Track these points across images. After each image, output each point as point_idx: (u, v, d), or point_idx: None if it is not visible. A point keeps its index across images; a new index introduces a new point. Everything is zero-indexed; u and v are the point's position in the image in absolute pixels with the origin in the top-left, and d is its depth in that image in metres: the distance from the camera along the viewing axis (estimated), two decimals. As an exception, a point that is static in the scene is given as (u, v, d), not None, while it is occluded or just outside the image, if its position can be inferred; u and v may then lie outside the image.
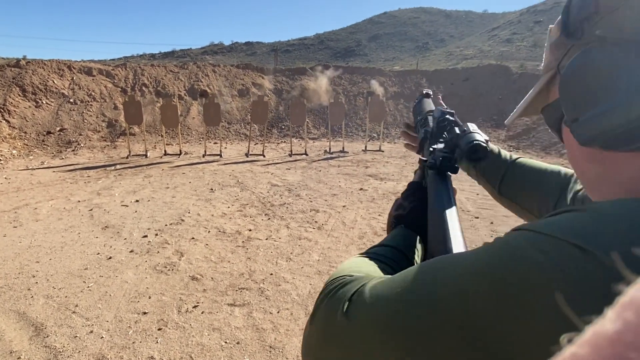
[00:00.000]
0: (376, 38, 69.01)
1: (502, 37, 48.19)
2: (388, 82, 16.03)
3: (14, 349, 2.48)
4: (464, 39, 56.42)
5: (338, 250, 4.01)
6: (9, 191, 6.08)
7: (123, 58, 41.44)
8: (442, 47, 56.97)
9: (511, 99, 14.39)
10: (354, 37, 71.09)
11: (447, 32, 66.43)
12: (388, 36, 68.76)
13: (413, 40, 64.58)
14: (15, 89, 10.36)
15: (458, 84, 15.86)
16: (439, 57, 45.59)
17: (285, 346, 2.52)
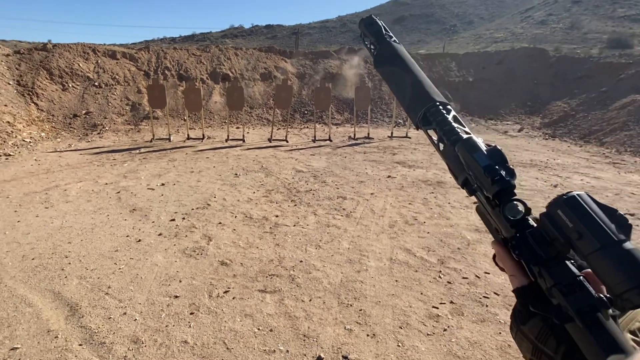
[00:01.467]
0: (401, 20, 67.22)
1: (537, 18, 45.99)
2: (415, 66, 15.59)
3: (51, 327, 2.55)
4: (495, 21, 54.21)
5: (369, 239, 3.94)
6: (39, 173, 6.27)
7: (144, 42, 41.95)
8: (471, 29, 54.97)
9: (547, 84, 13.77)
10: (377, 19, 69.31)
11: (476, 13, 63.97)
12: (414, 18, 66.84)
13: (440, 23, 62.57)
14: (42, 72, 10.63)
15: (490, 68, 15.27)
16: (467, 40, 44.04)
17: (319, 335, 2.48)
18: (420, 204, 5.02)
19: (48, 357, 2.29)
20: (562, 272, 0.40)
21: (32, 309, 2.73)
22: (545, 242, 0.42)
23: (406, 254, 3.63)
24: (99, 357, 2.29)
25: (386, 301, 2.86)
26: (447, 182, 5.95)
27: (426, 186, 5.80)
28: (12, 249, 3.62)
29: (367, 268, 3.36)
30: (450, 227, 4.26)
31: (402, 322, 2.61)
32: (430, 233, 4.10)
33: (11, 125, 8.44)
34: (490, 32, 45.47)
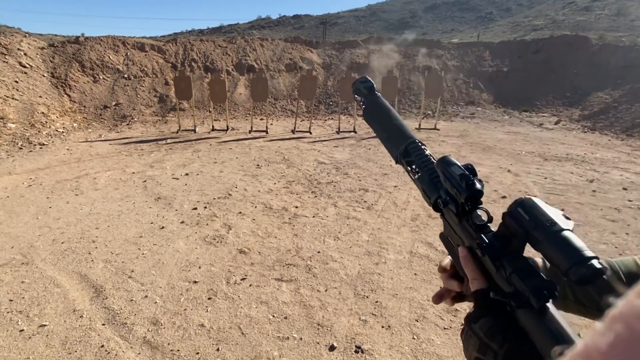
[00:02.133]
0: (433, 8, 65.52)
1: (580, 4, 43.60)
2: (446, 56, 15.20)
3: (77, 307, 2.71)
4: (534, 8, 51.85)
5: (389, 232, 3.92)
6: (71, 161, 6.61)
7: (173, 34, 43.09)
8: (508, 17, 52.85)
9: (589, 74, 13.06)
10: (408, 7, 68.01)
11: (514, 0, 61.37)
12: (447, 6, 64.98)
13: (475, 10, 60.53)
14: (75, 64, 11.14)
15: (527, 58, 14.65)
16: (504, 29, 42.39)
17: (333, 325, 2.51)
18: (445, 197, 4.93)
19: (73, 334, 2.44)
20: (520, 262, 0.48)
21: (60, 290, 2.91)
22: (505, 239, 0.50)
23: (427, 247, 3.58)
24: (120, 337, 2.42)
25: (403, 294, 2.85)
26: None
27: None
28: (43, 233, 3.86)
29: (385, 261, 3.35)
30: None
31: (418, 315, 2.60)
32: (454, 227, 4.01)
33: (45, 116, 8.92)
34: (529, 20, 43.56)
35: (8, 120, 7.99)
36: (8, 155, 6.89)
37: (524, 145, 8.15)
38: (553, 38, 15.82)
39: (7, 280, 3.03)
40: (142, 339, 2.40)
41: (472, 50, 15.60)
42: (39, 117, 8.72)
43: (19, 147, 7.39)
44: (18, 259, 3.36)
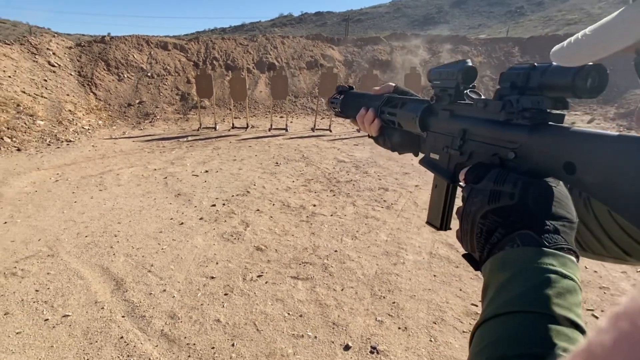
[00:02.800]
0: (461, 3, 64.26)
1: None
2: (472, 52, 14.89)
3: (98, 299, 2.82)
4: (568, 1, 50.05)
5: (408, 232, 3.88)
6: (96, 158, 6.87)
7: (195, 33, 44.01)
8: (540, 11, 51.22)
9: (626, 71, 12.46)
10: (434, 2, 66.96)
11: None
12: (475, 1, 63.60)
13: (504, 5, 58.97)
14: (100, 63, 11.55)
15: (559, 53, 14.15)
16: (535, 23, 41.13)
17: (349, 325, 2.52)
18: (468, 198, 4.84)
19: (94, 325, 2.54)
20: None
21: (82, 282, 3.04)
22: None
23: (448, 248, 3.53)
24: (139, 329, 2.50)
25: (422, 295, 2.82)
26: (500, 176, 5.67)
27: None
28: (68, 227, 4.03)
29: (404, 261, 3.32)
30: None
31: (436, 318, 2.57)
32: (477, 229, 3.94)
33: (72, 114, 9.29)
34: (563, 14, 42.11)
35: (37, 118, 8.37)
36: (37, 151, 7.22)
37: (554, 145, 7.90)
38: (588, 32, 15.21)
39: (34, 271, 3.18)
40: (159, 331, 2.48)
41: (500, 46, 15.22)
42: (66, 115, 9.09)
43: (47, 144, 7.73)
44: (44, 251, 3.52)
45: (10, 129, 7.61)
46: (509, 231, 0.42)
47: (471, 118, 0.55)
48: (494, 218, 0.44)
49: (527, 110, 0.46)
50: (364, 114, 0.78)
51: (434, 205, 0.67)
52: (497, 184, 0.45)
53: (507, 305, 0.35)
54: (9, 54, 9.72)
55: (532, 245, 0.39)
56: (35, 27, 34.15)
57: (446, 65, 0.60)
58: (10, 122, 7.77)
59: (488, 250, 0.44)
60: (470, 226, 0.47)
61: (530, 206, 0.42)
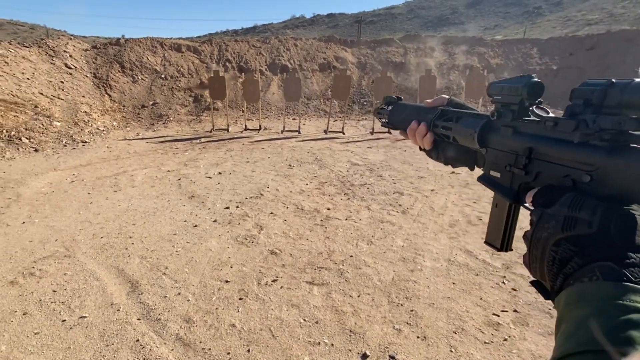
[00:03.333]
0: (476, 4, 63.73)
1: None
2: (489, 53, 14.74)
3: (114, 301, 2.85)
4: (589, 1, 49.16)
5: (425, 238, 3.84)
6: (110, 159, 6.97)
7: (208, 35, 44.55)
8: (559, 11, 50.45)
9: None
10: (449, 3, 66.51)
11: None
12: (491, 1, 63.00)
13: (521, 5, 58.26)
14: (115, 65, 11.75)
15: (579, 55, 13.92)
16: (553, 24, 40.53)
17: (366, 332, 2.49)
18: (486, 203, 4.77)
19: (111, 327, 2.56)
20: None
21: (99, 283, 3.07)
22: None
23: (467, 255, 3.48)
24: (155, 332, 2.52)
25: (441, 304, 2.78)
26: (519, 181, 5.57)
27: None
28: (84, 228, 4.09)
29: (421, 268, 3.28)
30: (521, 229, 3.97)
31: (456, 327, 2.52)
32: (496, 235, 3.88)
33: (88, 115, 9.47)
34: (583, 14, 41.40)
35: (54, 119, 8.54)
36: (53, 152, 7.37)
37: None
38: (610, 33, 14.93)
39: (52, 271, 3.23)
40: (175, 335, 2.48)
41: (517, 48, 15.02)
42: (82, 116, 9.26)
43: (63, 145, 7.88)
44: (61, 251, 3.58)
45: (28, 129, 7.78)
46: (587, 262, 0.39)
47: (538, 136, 0.53)
48: (568, 246, 0.41)
49: (605, 131, 0.43)
50: (415, 127, 0.77)
51: (494, 225, 0.64)
52: (572, 209, 0.42)
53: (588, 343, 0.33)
54: (27, 56, 9.96)
55: (613, 279, 0.36)
56: (52, 29, 34.99)
57: (509, 80, 0.57)
58: (28, 123, 7.95)
59: (562, 280, 0.41)
60: (541, 253, 0.44)
61: (611, 236, 0.39)
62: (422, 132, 0.75)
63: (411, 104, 0.84)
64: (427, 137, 0.75)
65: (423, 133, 0.75)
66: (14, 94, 8.33)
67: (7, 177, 5.81)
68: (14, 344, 2.40)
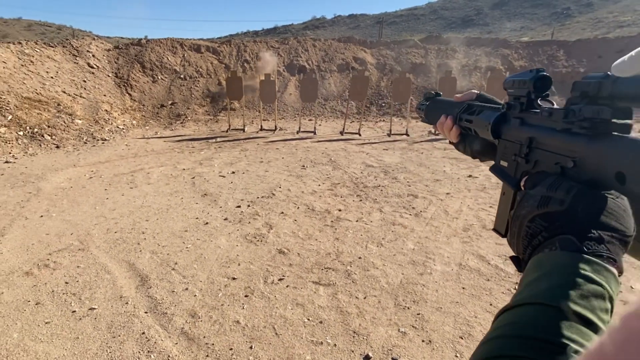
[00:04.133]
0: (502, 5, 62.61)
1: (680, -5, 39.29)
2: (513, 55, 14.46)
3: (123, 294, 2.93)
4: (620, 2, 47.59)
5: (437, 242, 3.79)
6: (128, 156, 7.17)
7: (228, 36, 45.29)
8: (589, 12, 49.05)
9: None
10: (474, 4, 65.58)
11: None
12: (517, 2, 61.78)
13: (549, 6, 56.91)
14: (136, 65, 12.08)
15: (609, 57, 13.49)
16: (583, 25, 39.45)
17: (370, 334, 2.48)
18: (502, 208, 4.67)
19: (118, 320, 2.64)
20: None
21: (110, 276, 3.16)
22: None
23: (479, 260, 3.42)
24: (160, 326, 2.57)
25: (448, 308, 2.74)
26: (539, 186, 5.44)
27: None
28: (99, 222, 4.22)
29: (431, 271, 3.25)
30: (537, 236, 3.89)
31: (463, 332, 2.48)
32: (511, 241, 3.80)
33: (108, 113, 9.76)
34: (614, 15, 40.15)
35: (75, 117, 8.85)
36: (74, 149, 7.63)
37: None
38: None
39: (65, 264, 3.35)
40: (180, 329, 2.54)
41: (543, 50, 14.69)
42: (102, 115, 9.56)
43: (83, 142, 8.15)
44: (76, 245, 3.70)
45: (50, 127, 8.09)
46: (552, 235, 0.43)
47: (538, 126, 0.57)
48: (540, 222, 0.45)
49: (587, 119, 0.46)
50: (443, 121, 0.81)
51: (501, 213, 0.68)
52: (550, 190, 0.47)
53: (529, 297, 0.38)
54: (52, 55, 10.35)
55: (569, 249, 0.40)
56: (78, 30, 36.24)
57: (520, 74, 0.61)
58: (51, 120, 8.25)
59: (529, 252, 0.46)
60: (518, 229, 0.49)
61: (578, 213, 0.43)
62: (448, 125, 0.80)
63: (446, 99, 0.88)
64: (453, 130, 0.79)
65: (449, 126, 0.79)
66: (38, 92, 8.67)
67: (28, 172, 6.05)
68: (25, 332, 2.50)
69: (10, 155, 6.86)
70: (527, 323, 0.36)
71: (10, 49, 9.52)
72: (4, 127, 7.40)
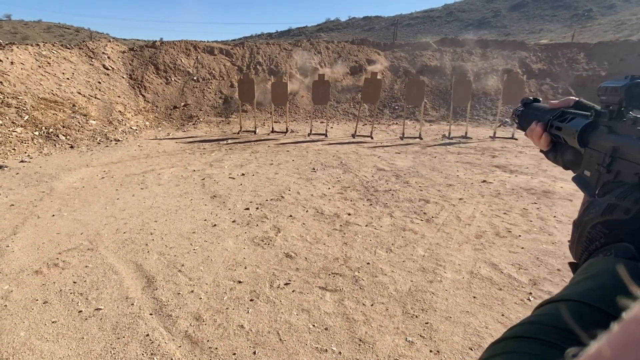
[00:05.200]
0: (521, 6, 61.77)
1: None
2: (531, 58, 14.22)
3: (129, 295, 2.95)
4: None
5: (448, 248, 3.73)
6: (140, 157, 7.27)
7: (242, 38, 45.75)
8: (611, 14, 48.00)
9: None
10: (491, 6, 64.85)
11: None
12: (536, 4, 60.86)
13: (570, 8, 55.91)
14: (150, 67, 12.27)
15: (631, 60, 13.16)
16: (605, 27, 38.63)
17: (376, 342, 2.44)
18: (517, 214, 4.58)
19: (123, 321, 2.65)
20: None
21: (117, 277, 3.19)
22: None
23: (491, 269, 3.34)
24: (165, 328, 2.58)
25: (458, 318, 2.68)
26: (557, 192, 5.31)
27: (528, 195, 5.26)
28: (109, 222, 4.27)
29: (441, 279, 3.19)
30: (552, 244, 3.80)
31: (473, 343, 2.42)
32: (525, 249, 3.71)
33: (122, 114, 9.92)
34: (638, 17, 39.22)
35: (90, 118, 9.02)
36: (87, 149, 7.77)
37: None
38: (667, 37, 14.03)
39: (74, 263, 3.39)
40: (184, 332, 2.54)
41: (562, 52, 14.41)
42: (116, 115, 9.73)
43: (97, 142, 8.30)
44: (85, 244, 3.75)
45: (65, 127, 8.26)
46: (610, 242, 0.43)
47: (623, 135, 0.55)
48: (600, 228, 0.45)
49: None
50: (533, 127, 0.77)
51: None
52: (618, 198, 0.46)
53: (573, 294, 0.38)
54: (68, 57, 10.59)
55: (624, 257, 0.40)
56: (96, 32, 37.06)
57: (614, 81, 0.58)
58: (65, 120, 8.43)
59: (585, 257, 0.46)
60: (579, 235, 0.49)
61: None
62: (538, 132, 0.76)
63: (542, 105, 0.84)
64: (543, 138, 0.75)
65: (539, 134, 0.76)
66: (54, 93, 8.87)
67: (42, 171, 6.18)
68: (32, 331, 2.53)
69: (25, 154, 7.03)
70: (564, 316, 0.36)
71: (28, 50, 9.78)
72: (21, 127, 7.59)
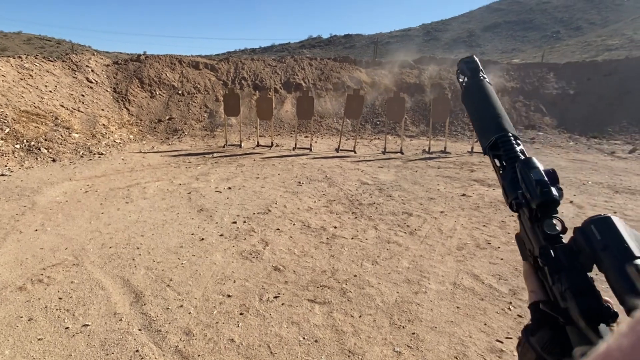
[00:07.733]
0: (493, 27, 64.12)
1: (665, 21, 40.58)
2: (505, 77, 14.76)
3: (117, 311, 2.90)
4: (609, 26, 49.02)
5: (432, 260, 3.81)
6: (125, 171, 7.16)
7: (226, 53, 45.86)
8: (578, 36, 50.39)
9: (673, 99, 12.03)
10: (466, 26, 67.16)
11: (586, 18, 58.48)
12: (509, 25, 63.32)
13: (540, 29, 58.39)
14: (135, 80, 12.17)
15: (597, 80, 13.83)
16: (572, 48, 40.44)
17: (365, 353, 2.47)
18: (496, 227, 4.72)
19: (112, 337, 2.60)
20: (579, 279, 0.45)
21: (104, 292, 3.13)
22: (572, 254, 0.46)
23: (473, 279, 3.44)
24: (154, 344, 2.55)
25: (443, 328, 2.75)
26: (532, 206, 5.50)
27: (506, 208, 5.43)
28: (94, 237, 4.19)
29: (426, 290, 3.25)
30: (529, 255, 3.93)
31: (458, 352, 2.48)
32: (505, 260, 3.83)
33: (106, 128, 9.77)
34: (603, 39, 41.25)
35: (73, 131, 8.85)
36: (70, 162, 7.61)
37: (590, 175, 7.62)
38: (630, 59, 14.84)
39: (59, 279, 3.31)
40: (174, 347, 2.51)
41: (534, 72, 15.02)
42: (99, 129, 9.57)
43: (80, 155, 8.13)
44: (70, 260, 3.67)
45: (47, 140, 8.07)
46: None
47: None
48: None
49: None
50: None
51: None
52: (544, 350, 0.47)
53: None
54: (51, 70, 10.41)
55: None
56: (77, 45, 36.51)
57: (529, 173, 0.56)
58: (47, 134, 8.25)
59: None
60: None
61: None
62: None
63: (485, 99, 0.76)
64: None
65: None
66: (36, 105, 8.68)
67: (24, 185, 6.02)
68: (18, 349, 2.46)
69: (6, 168, 6.83)
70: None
71: (10, 62, 9.58)
72: (1, 140, 7.38)
